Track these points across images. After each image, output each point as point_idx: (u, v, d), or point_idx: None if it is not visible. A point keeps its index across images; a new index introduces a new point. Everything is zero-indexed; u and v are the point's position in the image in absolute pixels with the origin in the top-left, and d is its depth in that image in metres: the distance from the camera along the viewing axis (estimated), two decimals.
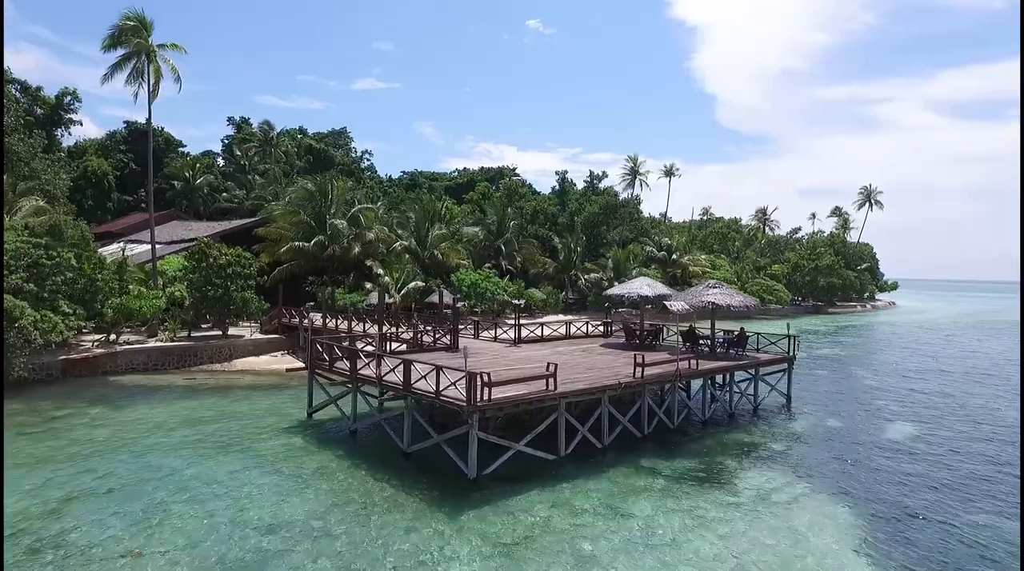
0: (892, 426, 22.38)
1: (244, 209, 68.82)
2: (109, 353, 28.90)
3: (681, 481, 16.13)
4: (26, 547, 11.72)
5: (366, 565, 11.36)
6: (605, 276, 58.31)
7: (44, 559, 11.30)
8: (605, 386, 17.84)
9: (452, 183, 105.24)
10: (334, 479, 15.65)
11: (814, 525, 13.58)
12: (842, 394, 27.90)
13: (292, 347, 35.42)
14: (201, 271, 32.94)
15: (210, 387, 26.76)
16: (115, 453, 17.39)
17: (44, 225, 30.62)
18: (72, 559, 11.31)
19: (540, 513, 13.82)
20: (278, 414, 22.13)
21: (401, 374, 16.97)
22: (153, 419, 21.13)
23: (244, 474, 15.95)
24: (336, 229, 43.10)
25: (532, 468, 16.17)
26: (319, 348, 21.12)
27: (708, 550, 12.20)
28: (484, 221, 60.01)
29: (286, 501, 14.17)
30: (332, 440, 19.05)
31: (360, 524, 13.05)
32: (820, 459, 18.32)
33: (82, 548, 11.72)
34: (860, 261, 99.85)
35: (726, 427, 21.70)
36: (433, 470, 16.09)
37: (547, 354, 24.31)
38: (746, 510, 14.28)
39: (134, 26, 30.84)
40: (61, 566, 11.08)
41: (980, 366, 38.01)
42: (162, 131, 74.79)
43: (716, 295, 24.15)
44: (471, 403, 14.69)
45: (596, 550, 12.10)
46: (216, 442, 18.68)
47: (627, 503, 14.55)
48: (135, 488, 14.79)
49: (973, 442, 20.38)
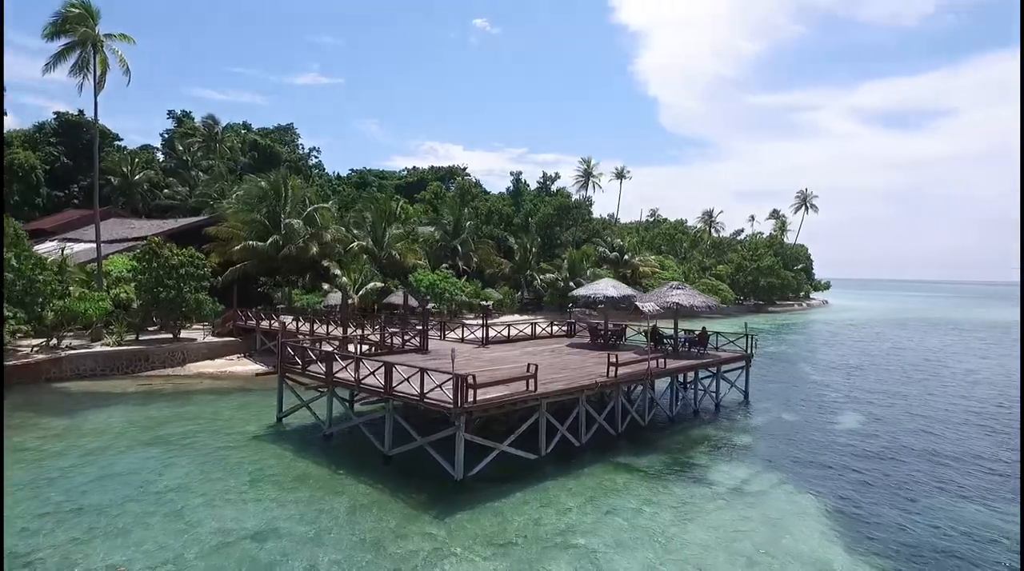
0: (842, 418, 23.80)
1: (187, 207, 66.14)
2: (52, 359, 27.34)
3: (658, 476, 16.74)
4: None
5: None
6: (560, 276, 59.15)
7: None
8: (583, 386, 18.28)
9: (402, 182, 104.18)
10: (316, 485, 15.44)
11: (787, 513, 14.40)
12: (793, 390, 29.40)
13: (248, 350, 34.43)
14: (152, 272, 31.57)
15: (168, 393, 25.75)
16: (77, 465, 16.58)
17: None
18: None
19: (529, 512, 14.09)
20: (245, 420, 21.55)
21: (382, 377, 16.91)
22: (112, 428, 20.21)
23: (220, 483, 15.53)
24: (291, 229, 42.13)
25: (515, 468, 16.41)
26: (290, 351, 20.71)
27: (696, 541, 12.77)
28: (440, 221, 59.81)
29: (270, 509, 13.91)
30: (307, 445, 18.73)
31: (350, 530, 12.98)
32: (782, 451, 19.33)
33: (60, 567, 11.22)
34: (796, 262, 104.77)
35: (692, 423, 22.57)
36: (417, 473, 16.11)
37: (517, 355, 24.64)
38: (724, 502, 14.98)
39: (79, 14, 29.20)
40: None
41: (911, 361, 40.73)
42: (96, 123, 70.72)
43: (680, 296, 25.03)
44: (459, 405, 14.82)
45: (589, 546, 12.47)
46: (185, 450, 18.06)
47: (611, 499, 15.00)
48: (106, 501, 14.18)
49: (913, 432, 21.91)
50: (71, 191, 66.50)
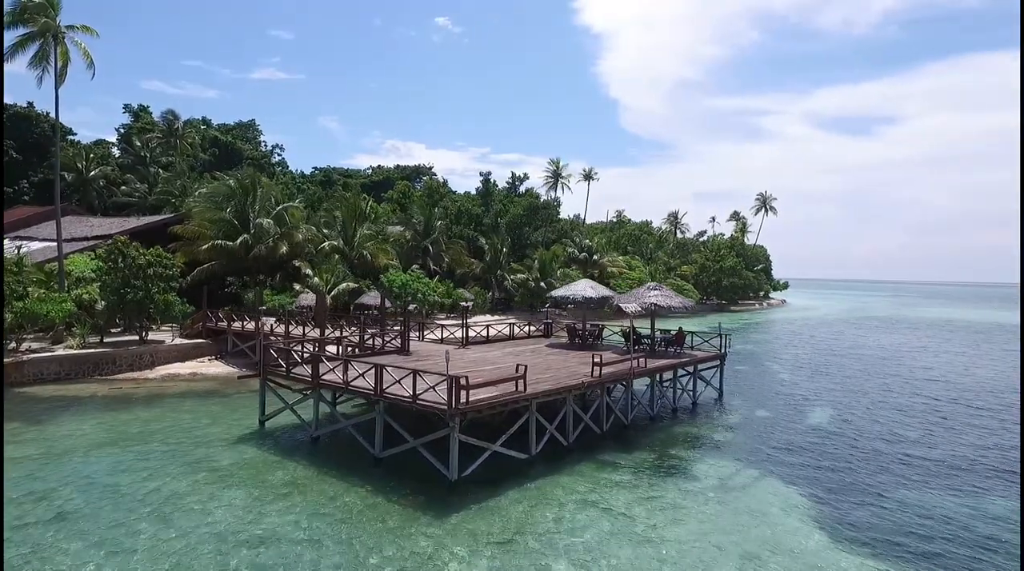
0: (813, 414, 24.76)
1: (147, 205, 64.03)
2: (14, 362, 26.25)
3: (646, 473, 17.17)
4: None
5: None
6: (531, 276, 59.52)
7: None
8: (570, 386, 18.57)
9: (367, 181, 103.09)
10: (308, 489, 15.32)
11: (771, 506, 14.98)
12: (763, 388, 30.38)
13: (219, 352, 33.69)
14: (118, 272, 30.57)
15: (139, 397, 25.03)
16: (54, 473, 16.05)
17: None
18: None
19: (525, 510, 14.31)
20: (225, 423, 21.16)
21: (372, 379, 16.87)
22: (85, 434, 19.59)
23: (208, 488, 15.27)
24: (261, 228, 41.38)
25: (506, 468, 16.60)
26: (273, 353, 20.43)
27: (689, 536, 13.19)
28: (410, 221, 59.43)
29: (265, 514, 13.76)
30: (294, 448, 18.53)
31: (348, 533, 12.96)
32: (760, 447, 20.03)
33: None
34: (756, 262, 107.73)
35: (672, 421, 23.15)
36: (409, 474, 16.14)
37: (499, 356, 24.83)
38: (711, 497, 15.49)
39: (40, 3, 28.01)
40: None
41: (872, 358, 42.49)
42: (47, 117, 67.93)
43: (657, 297, 25.59)
44: (453, 406, 14.93)
45: (587, 543, 12.76)
46: (166, 456, 17.66)
47: (604, 496, 15.34)
48: (91, 510, 13.79)
49: (879, 425, 22.96)
50: (20, 187, 63.66)
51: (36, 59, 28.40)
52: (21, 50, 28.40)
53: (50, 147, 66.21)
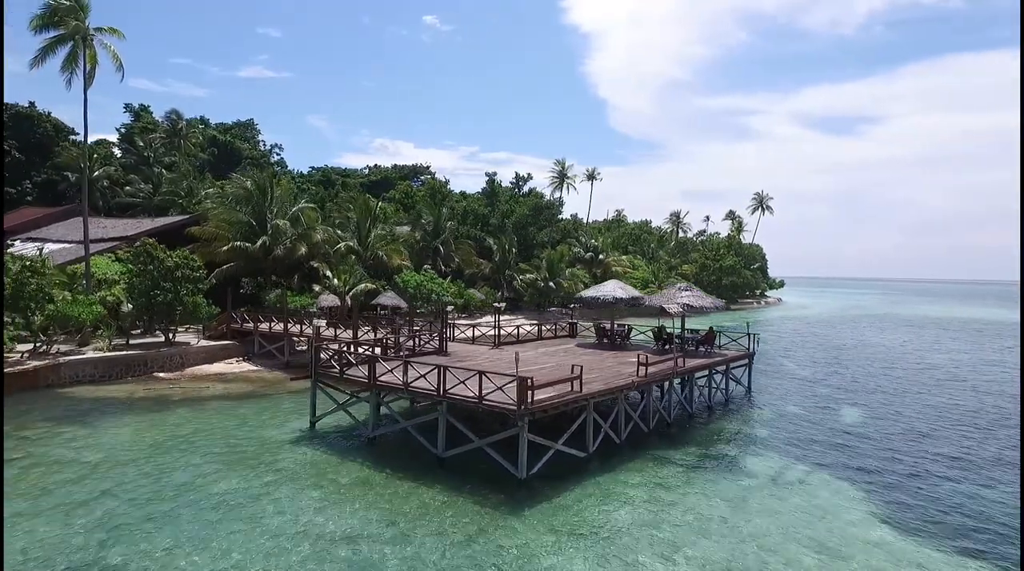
0: (841, 410, 25.44)
1: (152, 205, 63.71)
2: (52, 365, 26.29)
3: (699, 469, 17.70)
4: None
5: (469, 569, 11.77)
6: (540, 276, 59.97)
7: None
8: (622, 386, 19.06)
9: (365, 180, 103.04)
10: (379, 489, 15.64)
11: (830, 499, 15.57)
12: (785, 385, 31.05)
13: (246, 353, 33.84)
14: (147, 274, 30.63)
15: (178, 398, 25.18)
16: (126, 476, 16.26)
17: None
18: None
19: (595, 506, 14.77)
20: (276, 425, 21.42)
21: (434, 380, 17.24)
22: (142, 436, 19.78)
23: (281, 489, 15.58)
24: (279, 229, 41.50)
25: (566, 466, 17.03)
26: (324, 355, 20.72)
27: (759, 529, 13.71)
28: (419, 222, 59.64)
29: (344, 514, 14.09)
30: (352, 449, 18.84)
31: (434, 530, 13.31)
32: (801, 442, 20.63)
33: None
34: (753, 261, 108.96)
35: (709, 419, 23.72)
36: (474, 473, 16.48)
37: (535, 356, 25.26)
38: (769, 491, 16.04)
39: (70, 6, 27.99)
40: None
41: (880, 356, 43.41)
42: (49, 116, 67.41)
43: (690, 297, 26.16)
44: (523, 406, 15.34)
45: (666, 536, 13.23)
46: (228, 458, 17.91)
47: (666, 492, 15.85)
48: (174, 512, 14.05)
49: (910, 420, 23.65)
50: (23, 188, 63.11)
51: (67, 62, 28.38)
52: (51, 52, 28.39)
53: (53, 147, 65.76)
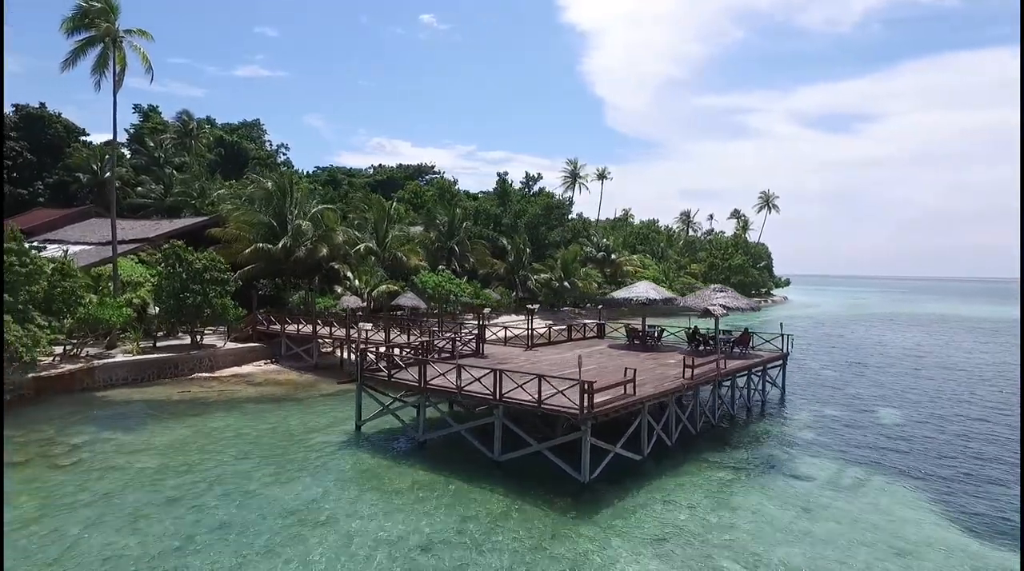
0: (879, 411, 25.48)
1: (164, 206, 63.51)
2: (86, 368, 26.21)
3: (753, 472, 17.71)
4: None
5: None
6: (554, 276, 59.97)
7: None
8: (674, 388, 19.06)
9: (371, 180, 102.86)
10: (440, 493, 15.59)
11: (894, 502, 15.60)
12: (817, 386, 31.10)
13: (272, 355, 33.77)
14: (176, 277, 30.54)
15: (214, 401, 25.11)
16: (184, 482, 16.19)
17: None
18: None
19: (662, 509, 14.78)
20: (321, 428, 21.36)
21: (489, 384, 17.22)
22: (187, 441, 19.72)
23: (344, 494, 15.55)
24: (300, 230, 41.38)
25: (622, 469, 17.00)
26: (370, 357, 20.69)
27: (831, 534, 13.71)
28: (433, 222, 59.60)
29: (413, 519, 14.04)
30: (403, 453, 18.81)
31: (505, 535, 13.27)
32: (848, 443, 20.66)
33: None
34: (759, 260, 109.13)
35: (750, 420, 23.76)
36: (533, 477, 16.42)
37: (571, 358, 25.19)
38: (830, 494, 16.06)
39: (101, 7, 27.86)
40: None
41: (901, 354, 43.51)
42: (59, 117, 67.13)
43: (724, 298, 26.16)
44: (586, 410, 15.33)
45: (739, 539, 13.23)
46: (282, 462, 17.86)
47: (728, 495, 15.87)
48: (243, 519, 13.98)
49: (953, 421, 23.69)
50: (36, 189, 62.83)
51: (98, 64, 28.25)
52: (82, 54, 28.26)
53: (64, 148, 65.52)
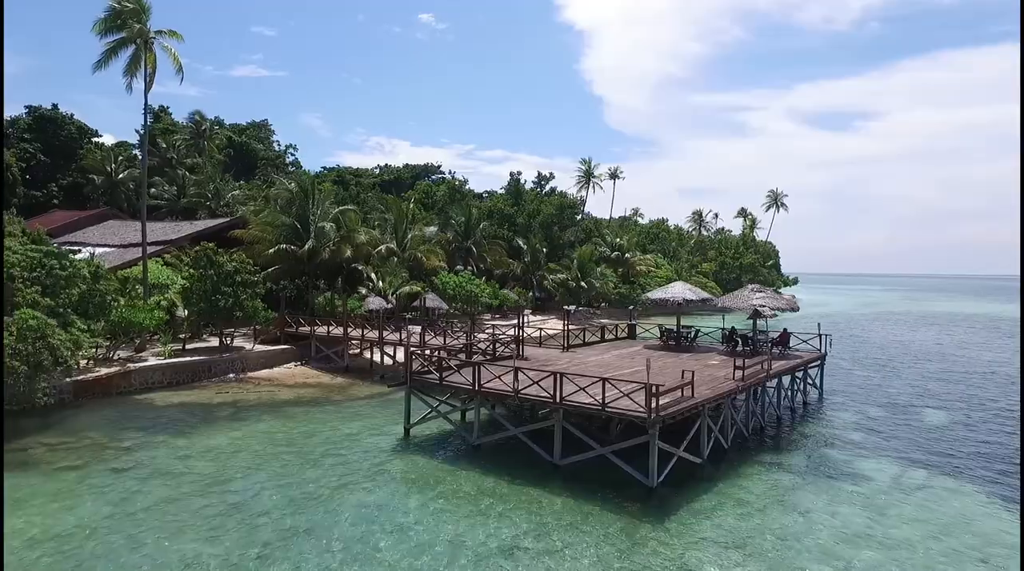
0: (923, 412, 25.37)
1: (178, 207, 63.38)
2: (123, 372, 26.08)
3: (813, 474, 17.60)
4: None
5: None
6: (571, 276, 59.87)
7: None
8: (728, 391, 18.95)
9: (378, 180, 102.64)
10: (507, 497, 15.44)
11: (966, 504, 15.50)
12: (853, 386, 30.94)
13: (302, 357, 33.63)
14: (208, 279, 30.40)
15: (254, 404, 24.96)
16: (244, 487, 16.05)
17: None
18: None
19: (733, 513, 14.66)
20: (367, 432, 21.18)
21: (549, 387, 17.10)
22: (237, 444, 19.58)
23: (409, 499, 15.42)
24: (323, 232, 41.23)
25: (683, 472, 16.87)
26: (421, 361, 20.57)
27: (909, 538, 13.58)
28: (449, 222, 59.51)
29: (486, 524, 13.92)
30: (458, 456, 18.66)
31: (589, 542, 13.08)
32: (902, 445, 20.55)
33: None
34: (767, 259, 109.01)
35: (796, 421, 23.67)
36: (596, 481, 16.24)
37: (611, 359, 25.10)
38: (899, 497, 15.96)
39: (133, 8, 27.71)
40: None
41: (923, 355, 43.42)
42: (72, 118, 66.95)
43: (763, 298, 26.06)
44: (654, 413, 15.21)
45: (821, 544, 13.11)
46: (339, 466, 17.71)
47: (794, 498, 15.79)
48: (314, 523, 13.84)
49: (996, 422, 23.59)
50: (50, 191, 62.63)
51: (130, 65, 28.11)
52: (114, 56, 28.11)
53: (77, 150, 65.33)
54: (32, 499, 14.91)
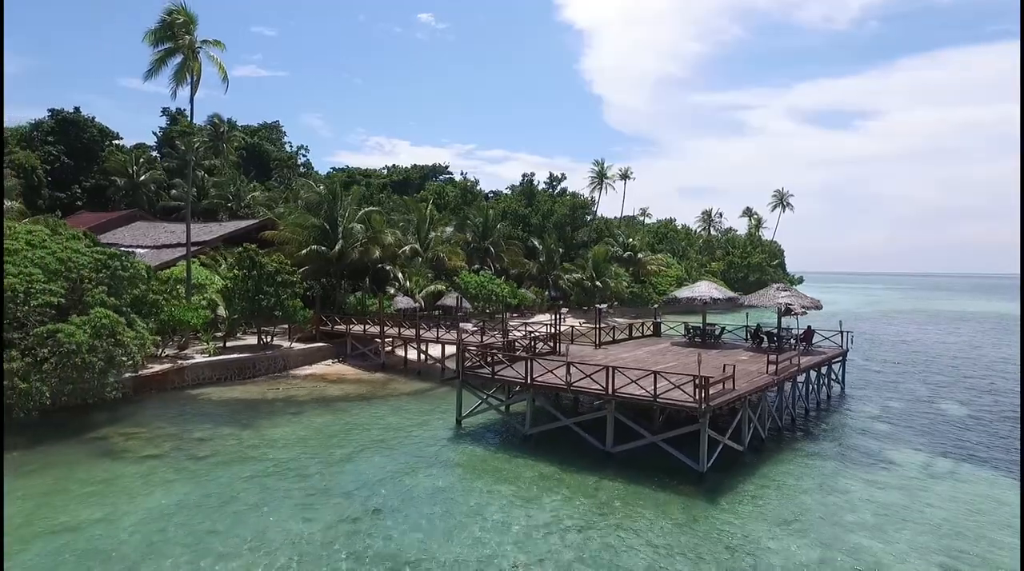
0: (942, 405, 26.60)
1: (199, 209, 64.47)
2: (177, 369, 27.28)
3: (846, 461, 18.82)
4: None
5: (710, 555, 12.85)
6: (585, 275, 61.06)
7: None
8: (765, 384, 20.17)
9: (387, 180, 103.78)
10: (568, 483, 16.55)
11: (994, 488, 16.70)
12: (872, 382, 32.17)
13: (339, 355, 34.82)
14: (251, 280, 31.58)
15: (305, 399, 26.16)
16: (322, 473, 17.26)
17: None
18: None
19: (780, 496, 15.89)
20: (421, 424, 22.36)
21: (602, 380, 18.30)
22: (302, 435, 20.77)
23: (475, 483, 16.61)
24: (351, 233, 42.40)
25: (728, 459, 18.06)
26: (473, 357, 21.76)
27: (950, 516, 14.82)
28: (467, 223, 60.70)
29: (551, 504, 15.09)
30: (512, 446, 19.82)
31: (651, 519, 14.31)
32: (926, 434, 21.78)
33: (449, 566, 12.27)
34: (773, 258, 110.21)
35: (823, 413, 24.90)
36: (647, 468, 17.42)
37: (644, 355, 26.30)
38: (931, 481, 17.22)
39: (183, 22, 28.92)
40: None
41: (937, 351, 44.64)
42: (93, 121, 68.05)
43: (788, 297, 27.27)
44: (704, 404, 16.43)
45: (864, 521, 14.34)
46: (403, 454, 18.88)
47: (832, 481, 17.03)
48: (396, 506, 15.00)
49: (1007, 414, 24.82)
50: (74, 193, 63.76)
51: (179, 73, 29.31)
52: (163, 65, 29.33)
53: (99, 152, 66.48)
54: (131, 483, 16.15)
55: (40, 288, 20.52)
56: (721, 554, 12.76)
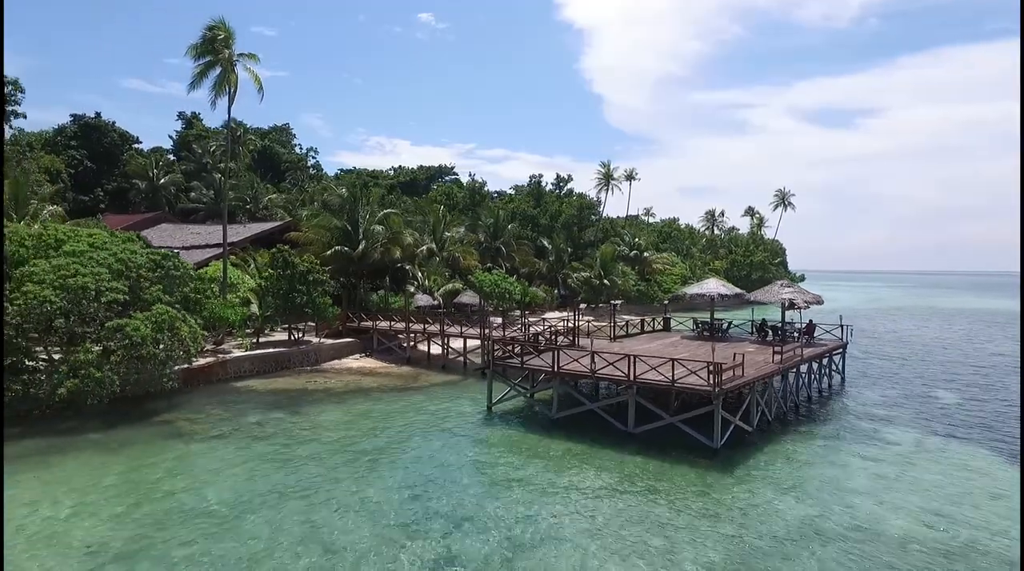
0: (937, 393, 28.49)
1: (217, 210, 66.39)
2: (221, 362, 29.24)
3: (847, 440, 20.73)
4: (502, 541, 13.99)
5: (726, 515, 14.77)
6: (593, 274, 63.00)
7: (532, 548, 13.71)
8: (772, 371, 22.09)
9: (394, 181, 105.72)
10: (596, 458, 18.40)
11: (976, 461, 18.61)
12: (871, 373, 34.09)
13: (366, 349, 36.75)
14: (285, 279, 33.53)
15: (343, 390, 28.07)
16: (372, 447, 19.21)
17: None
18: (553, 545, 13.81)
19: (787, 468, 17.80)
20: (456, 412, 24.17)
21: (624, 367, 20.23)
22: (348, 420, 22.71)
23: (513, 459, 18.50)
24: (372, 233, 44.30)
25: (738, 438, 19.98)
26: (503, 348, 23.69)
27: (935, 484, 16.71)
28: (478, 223, 62.65)
29: (582, 475, 17.00)
30: (543, 428, 21.70)
31: (673, 486, 16.24)
32: (919, 418, 23.66)
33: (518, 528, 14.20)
34: (775, 256, 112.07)
35: (826, 400, 26.81)
36: (666, 446, 19.32)
37: (657, 347, 28.17)
38: (922, 455, 19.12)
39: (223, 38, 30.90)
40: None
41: (933, 345, 46.54)
42: (114, 126, 70.05)
43: (791, 293, 29.18)
44: (718, 387, 18.35)
45: (861, 486, 16.27)
46: (443, 435, 20.81)
47: (834, 456, 18.95)
48: (444, 476, 16.94)
49: (998, 400, 26.71)
50: (96, 196, 65.75)
51: (218, 85, 31.27)
52: (204, 77, 31.29)
53: (120, 156, 68.52)
54: (203, 460, 18.14)
55: (109, 286, 22.48)
56: (735, 514, 14.66)
